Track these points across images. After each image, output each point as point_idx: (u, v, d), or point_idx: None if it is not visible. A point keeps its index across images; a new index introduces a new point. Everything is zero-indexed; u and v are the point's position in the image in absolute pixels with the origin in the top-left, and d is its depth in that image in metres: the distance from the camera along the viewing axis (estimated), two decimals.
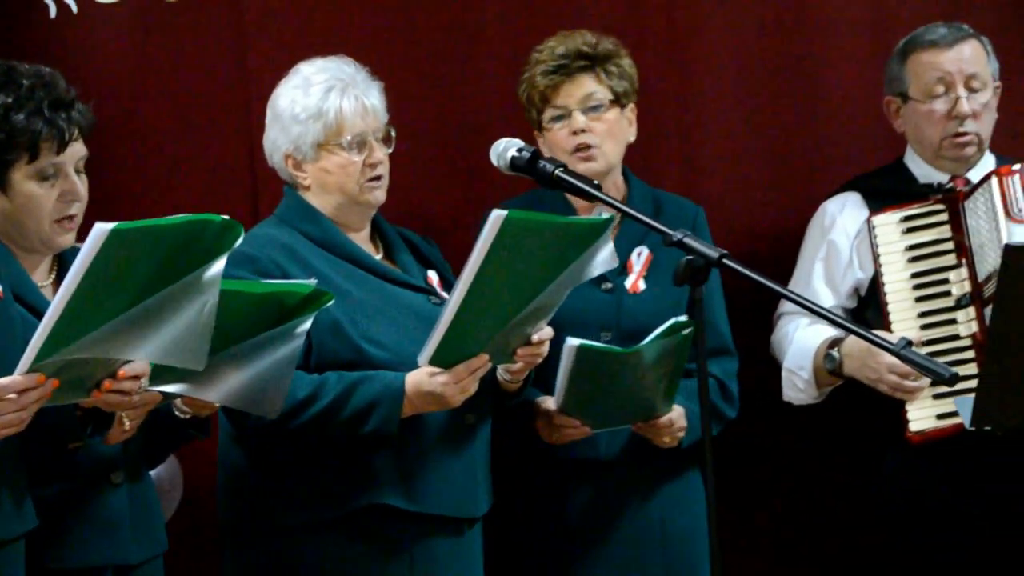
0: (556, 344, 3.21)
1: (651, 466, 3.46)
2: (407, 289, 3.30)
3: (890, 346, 2.79)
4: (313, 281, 2.92)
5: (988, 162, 3.67)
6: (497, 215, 2.90)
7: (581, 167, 3.44)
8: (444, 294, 3.31)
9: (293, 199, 3.32)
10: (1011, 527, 3.53)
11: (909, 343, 2.78)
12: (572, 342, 3.17)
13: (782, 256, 3.85)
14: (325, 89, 3.27)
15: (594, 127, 3.47)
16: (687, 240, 2.84)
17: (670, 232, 2.87)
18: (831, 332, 3.59)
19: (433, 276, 3.37)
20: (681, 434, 3.41)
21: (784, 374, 3.68)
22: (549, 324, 3.19)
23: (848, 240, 3.68)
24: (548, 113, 3.49)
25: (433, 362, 3.06)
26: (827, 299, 3.66)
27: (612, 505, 3.46)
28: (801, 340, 3.64)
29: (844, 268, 3.68)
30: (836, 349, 3.56)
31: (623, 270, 3.47)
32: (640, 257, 3.52)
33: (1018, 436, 3.39)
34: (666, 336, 3.24)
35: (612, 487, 3.46)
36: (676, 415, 3.39)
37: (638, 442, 3.42)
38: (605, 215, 3.13)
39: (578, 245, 3.06)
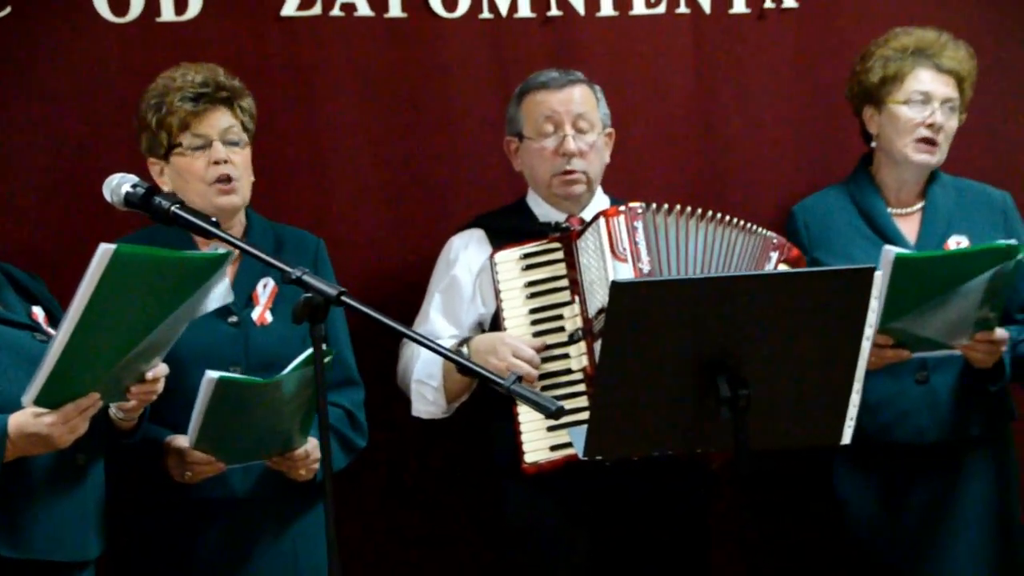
0: (178, 379, 3.16)
1: (284, 501, 3.43)
2: (8, 326, 3.18)
3: (500, 381, 2.85)
4: None
5: (603, 202, 3.80)
6: (105, 249, 2.84)
7: (222, 200, 3.42)
8: (51, 331, 3.22)
9: None
10: (616, 554, 3.65)
11: (519, 378, 2.86)
12: (212, 375, 3.11)
13: (410, 289, 3.90)
14: None
15: (234, 160, 3.44)
16: (305, 278, 2.83)
17: (289, 270, 2.85)
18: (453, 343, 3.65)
19: (39, 312, 3.27)
20: (315, 466, 3.39)
21: (413, 387, 3.72)
22: (174, 360, 3.13)
23: (471, 275, 3.76)
24: (187, 140, 3.43)
25: (39, 402, 2.97)
26: (446, 330, 3.72)
27: (245, 542, 3.42)
28: (428, 352, 3.67)
29: (467, 303, 3.75)
30: (465, 346, 3.62)
31: (249, 302, 3.45)
32: (266, 289, 3.50)
33: (627, 465, 3.51)
34: (304, 366, 3.23)
35: (244, 524, 3.41)
36: (311, 447, 3.37)
37: (271, 477, 3.39)
38: (222, 250, 3.09)
39: (194, 280, 3.02)
